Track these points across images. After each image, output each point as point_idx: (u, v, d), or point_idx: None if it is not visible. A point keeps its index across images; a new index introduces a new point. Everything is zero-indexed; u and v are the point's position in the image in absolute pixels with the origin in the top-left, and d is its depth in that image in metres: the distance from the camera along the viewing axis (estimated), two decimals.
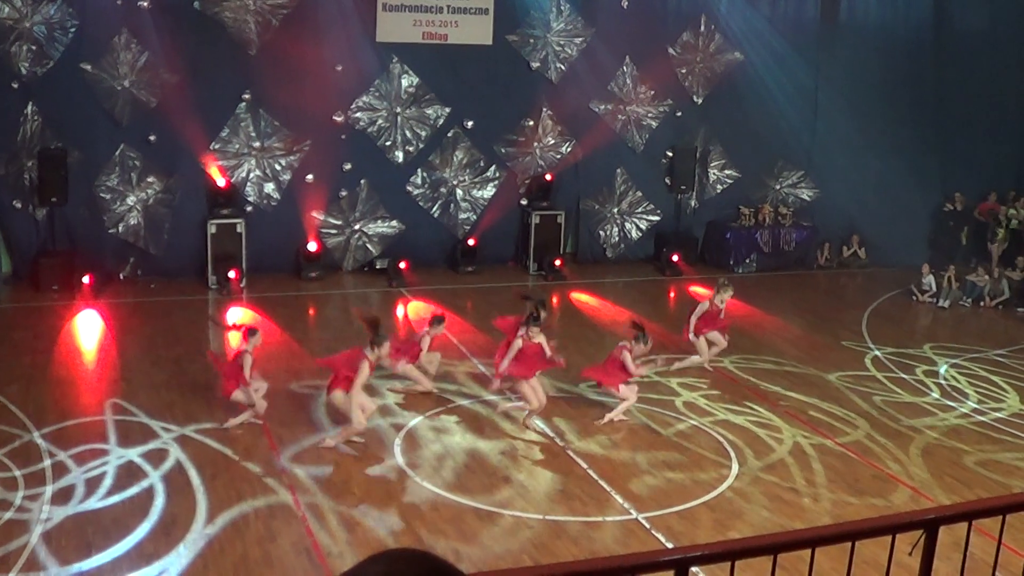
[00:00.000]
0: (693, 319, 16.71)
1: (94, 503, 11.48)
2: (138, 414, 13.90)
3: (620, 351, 14.47)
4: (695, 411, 15.04)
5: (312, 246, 21.72)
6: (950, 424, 15.05)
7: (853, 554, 4.83)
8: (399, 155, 22.40)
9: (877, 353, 18.21)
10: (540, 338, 14.20)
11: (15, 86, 19.72)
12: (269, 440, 13.37)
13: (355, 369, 13.09)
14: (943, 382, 16.87)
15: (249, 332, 13.91)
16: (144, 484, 11.98)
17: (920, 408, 15.62)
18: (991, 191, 25.11)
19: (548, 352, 14.27)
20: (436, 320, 15.35)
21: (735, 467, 13.21)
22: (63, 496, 11.56)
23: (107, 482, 11.98)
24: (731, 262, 24.08)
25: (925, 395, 16.21)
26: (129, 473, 12.24)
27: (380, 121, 22.18)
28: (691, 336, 16.74)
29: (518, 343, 14.02)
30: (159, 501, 11.59)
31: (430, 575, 2.32)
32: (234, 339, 15.33)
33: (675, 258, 23.52)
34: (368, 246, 22.41)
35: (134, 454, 12.73)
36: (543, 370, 14.43)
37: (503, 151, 23.15)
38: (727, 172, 24.85)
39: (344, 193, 22.10)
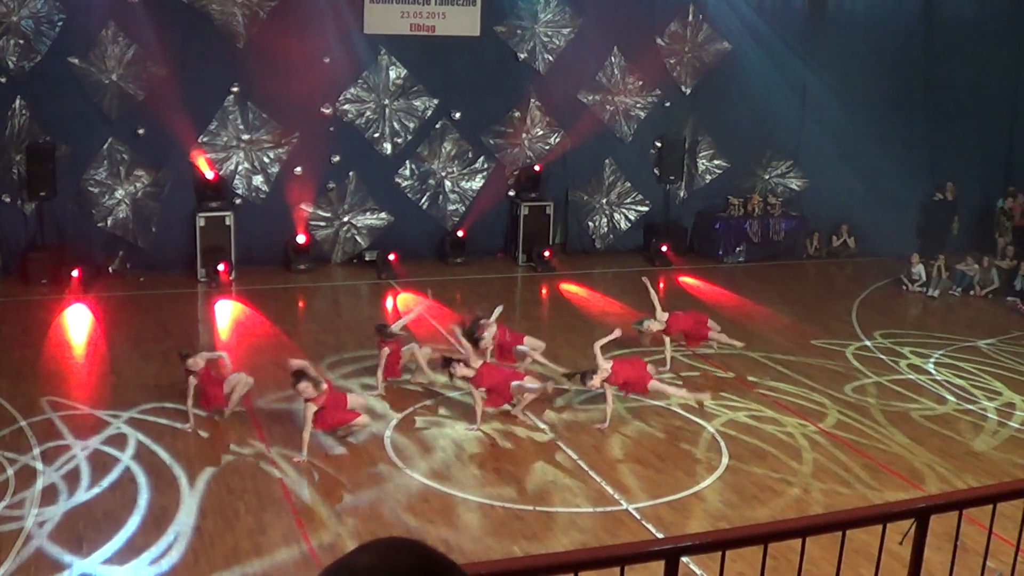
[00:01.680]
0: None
1: (82, 496, 11.48)
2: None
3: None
4: (686, 402, 15.03)
5: (301, 238, 21.71)
6: (938, 413, 15.08)
7: (844, 543, 4.84)
8: (387, 147, 22.38)
9: (867, 342, 18.24)
10: (475, 363, 14.10)
11: (2, 80, 19.66)
12: (259, 433, 13.36)
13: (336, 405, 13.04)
14: (932, 371, 16.90)
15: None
16: (122, 472, 11.98)
17: (909, 397, 15.63)
18: (1013, 187, 24.90)
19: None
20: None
21: (725, 457, 13.22)
22: (50, 494, 11.55)
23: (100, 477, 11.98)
24: (720, 252, 24.09)
25: (916, 384, 16.23)
26: (103, 464, 12.24)
27: (368, 113, 22.16)
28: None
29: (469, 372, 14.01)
30: (144, 494, 11.58)
31: (421, 564, 2.32)
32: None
33: (664, 248, 23.53)
34: (357, 238, 22.39)
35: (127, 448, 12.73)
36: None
37: (491, 142, 23.14)
38: (716, 162, 24.85)
39: (332, 185, 22.08)
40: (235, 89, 21.12)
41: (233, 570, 10.13)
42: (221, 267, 20.40)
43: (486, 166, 23.19)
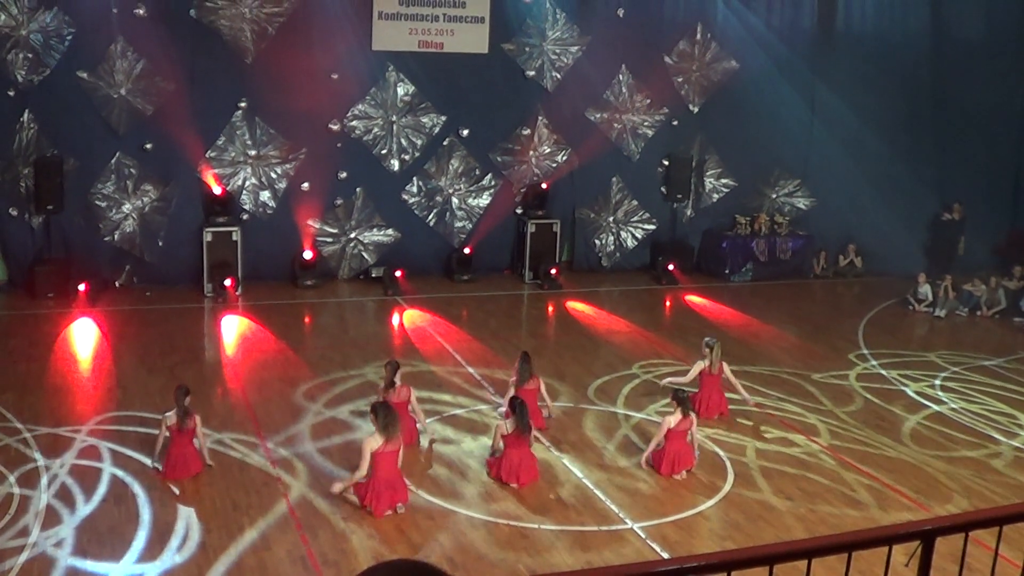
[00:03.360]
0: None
1: (85, 510, 11.47)
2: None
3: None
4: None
5: (308, 254, 21.73)
6: (944, 432, 15.04)
7: (850, 565, 4.82)
8: (395, 163, 22.40)
9: (873, 362, 18.20)
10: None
11: (11, 94, 19.70)
12: (265, 451, 13.34)
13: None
14: (938, 391, 16.86)
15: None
16: (122, 486, 11.98)
17: (916, 418, 15.59)
18: None
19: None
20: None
21: (730, 477, 13.19)
22: (52, 512, 11.55)
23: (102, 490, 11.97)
24: (727, 271, 24.07)
25: (920, 405, 16.18)
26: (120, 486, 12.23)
27: (376, 129, 22.18)
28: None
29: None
30: (145, 511, 11.57)
31: None
32: None
33: (671, 267, 23.51)
34: (364, 254, 22.40)
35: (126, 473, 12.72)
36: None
37: (499, 159, 23.15)
38: (723, 181, 24.84)
39: (340, 201, 22.10)
40: (243, 104, 21.16)
41: None
42: (228, 282, 20.42)
43: (493, 183, 23.20)
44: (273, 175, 21.63)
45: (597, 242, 24.16)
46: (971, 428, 15.27)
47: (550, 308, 21.48)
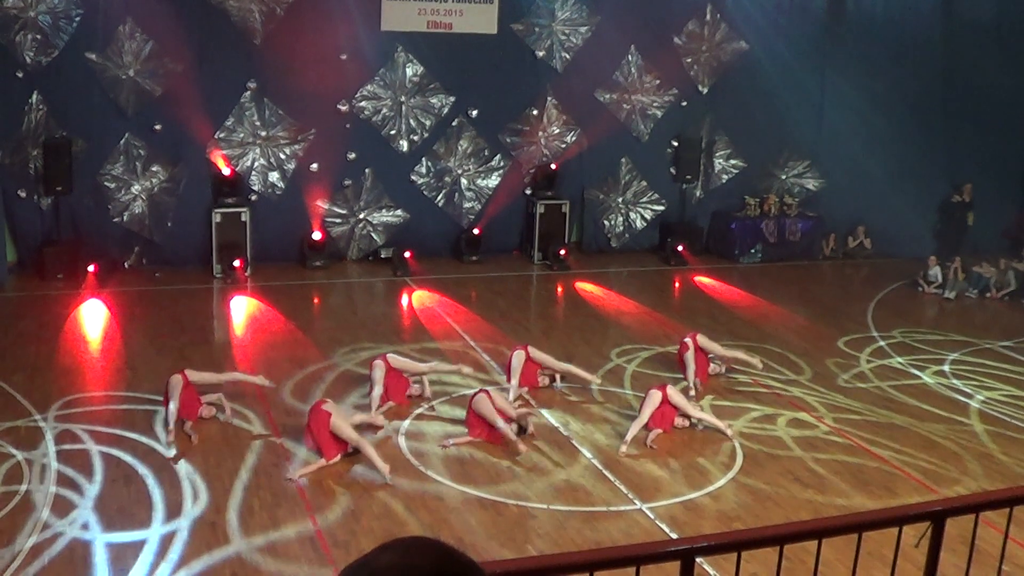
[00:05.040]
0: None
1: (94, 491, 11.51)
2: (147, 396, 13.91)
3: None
4: (699, 401, 15.00)
5: (317, 235, 21.74)
6: (953, 415, 15.02)
7: (860, 546, 4.82)
8: (404, 144, 22.38)
9: (881, 343, 18.18)
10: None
11: (20, 75, 19.69)
12: (274, 430, 13.36)
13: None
14: (947, 373, 16.84)
15: None
16: (135, 467, 12.01)
17: (925, 399, 15.58)
18: None
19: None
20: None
21: (739, 457, 13.19)
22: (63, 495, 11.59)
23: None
24: (736, 252, 24.03)
25: (930, 387, 16.16)
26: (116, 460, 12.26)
27: (385, 110, 22.16)
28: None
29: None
30: (156, 490, 11.61)
31: (441, 563, 2.32)
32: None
33: (680, 248, 23.48)
34: (373, 235, 22.40)
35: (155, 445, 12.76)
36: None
37: (508, 140, 23.12)
38: (732, 162, 24.78)
39: (348, 182, 22.08)
40: (252, 85, 21.14)
41: (245, 567, 10.13)
42: (237, 263, 20.43)
43: (502, 164, 23.17)
44: (282, 156, 21.62)
45: (606, 223, 24.12)
46: (987, 413, 15.25)
47: (559, 289, 21.47)
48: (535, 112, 23.15)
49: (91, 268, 19.73)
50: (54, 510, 10.96)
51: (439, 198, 22.85)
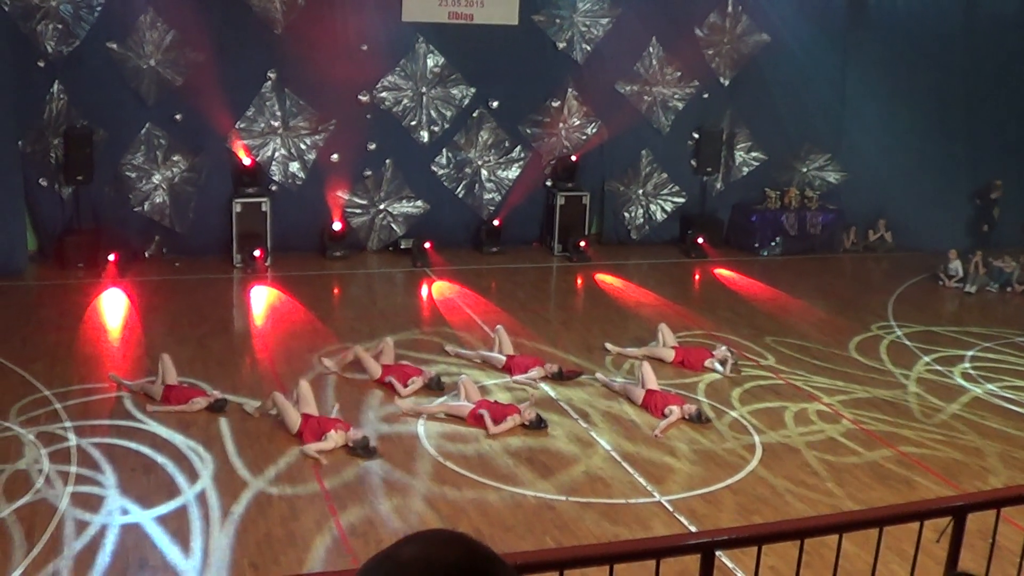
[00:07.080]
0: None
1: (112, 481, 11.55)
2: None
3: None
4: (718, 394, 14.99)
5: (337, 226, 21.74)
6: (970, 407, 14.96)
7: (881, 540, 4.80)
8: (424, 135, 22.37)
9: (900, 335, 18.11)
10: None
11: (41, 65, 19.73)
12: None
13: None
14: (968, 367, 16.78)
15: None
16: (154, 457, 12.05)
17: (944, 393, 15.53)
18: None
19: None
20: None
21: (759, 450, 13.17)
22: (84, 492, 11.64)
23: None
24: (756, 245, 23.95)
25: (950, 381, 16.11)
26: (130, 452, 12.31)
27: (405, 101, 22.15)
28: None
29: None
30: (169, 465, 11.65)
31: (465, 556, 2.31)
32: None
33: (700, 240, 23.43)
34: (393, 226, 22.40)
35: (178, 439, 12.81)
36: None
37: (528, 132, 23.08)
38: (753, 154, 24.69)
39: (369, 173, 22.08)
40: (272, 75, 21.15)
41: (265, 557, 10.16)
42: (257, 253, 20.46)
43: (523, 155, 23.13)
44: (302, 146, 21.63)
45: (626, 215, 24.07)
46: (1004, 408, 15.20)
47: (579, 281, 21.45)
48: (556, 103, 23.10)
49: (111, 257, 19.76)
50: (85, 507, 10.99)
51: (459, 189, 22.84)
